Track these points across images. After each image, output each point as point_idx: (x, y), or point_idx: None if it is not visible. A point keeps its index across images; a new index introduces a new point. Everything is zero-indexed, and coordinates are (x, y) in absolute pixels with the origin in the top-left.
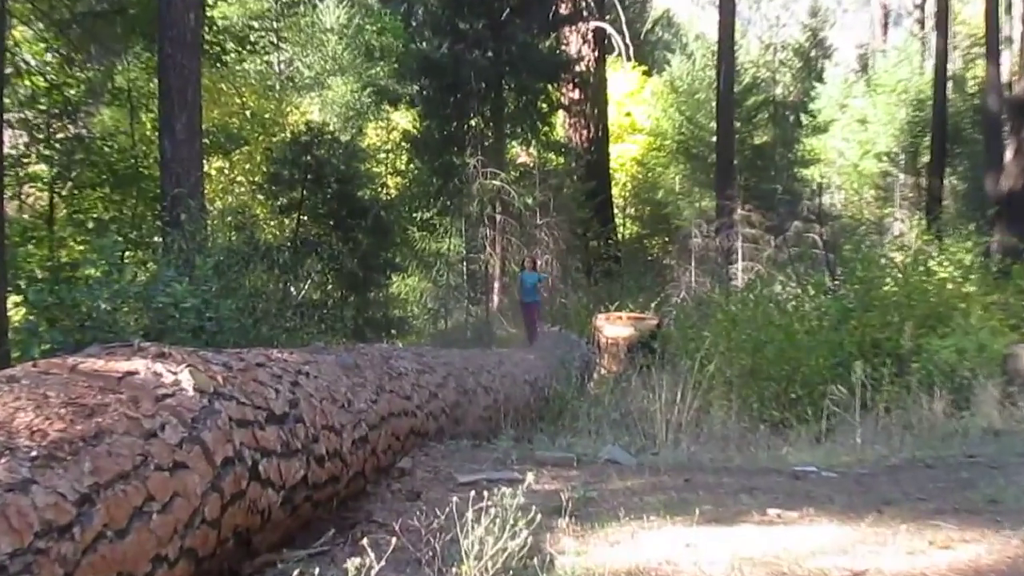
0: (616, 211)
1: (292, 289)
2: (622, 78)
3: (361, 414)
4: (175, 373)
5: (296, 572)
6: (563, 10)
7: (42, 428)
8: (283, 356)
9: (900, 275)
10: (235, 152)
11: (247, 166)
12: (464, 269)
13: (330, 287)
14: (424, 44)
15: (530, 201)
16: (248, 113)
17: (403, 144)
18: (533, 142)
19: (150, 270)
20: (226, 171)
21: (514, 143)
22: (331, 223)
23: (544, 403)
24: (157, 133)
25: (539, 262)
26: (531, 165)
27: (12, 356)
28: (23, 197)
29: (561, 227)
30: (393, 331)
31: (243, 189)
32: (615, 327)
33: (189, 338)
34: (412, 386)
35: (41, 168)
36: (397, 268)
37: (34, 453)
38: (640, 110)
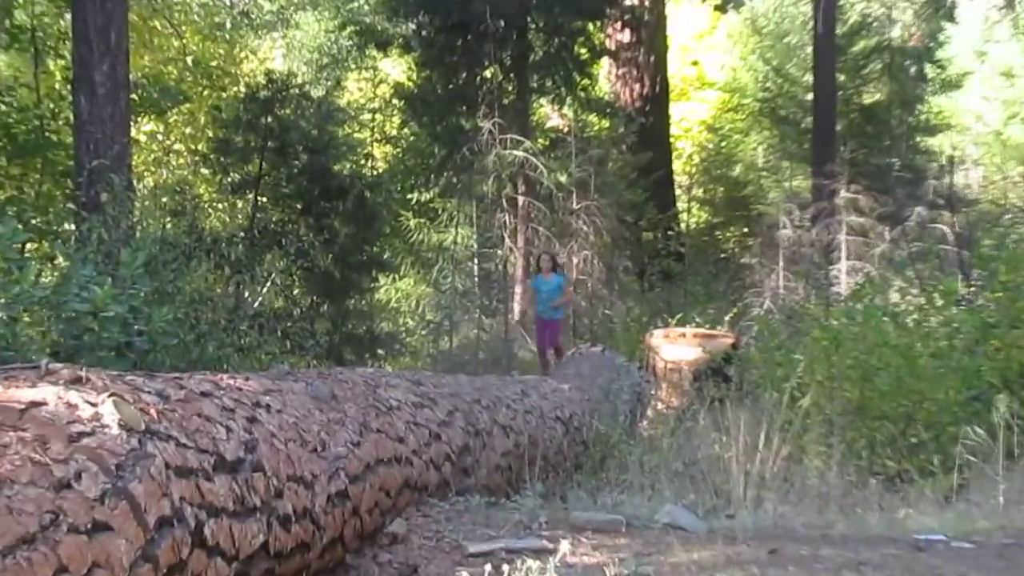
0: (679, 192)
1: (247, 294)
2: (687, 15)
3: (339, 461)
4: (95, 404)
5: None
6: None
7: None
8: (236, 383)
9: None
10: (172, 112)
11: (188, 130)
12: (475, 269)
13: (297, 292)
14: None
15: (564, 179)
16: (189, 60)
17: (394, 102)
18: (568, 100)
19: (60, 268)
20: (160, 137)
21: (543, 101)
22: (299, 207)
23: (582, 448)
24: (70, 86)
25: (563, 260)
26: (565, 130)
27: None
28: None
29: (605, 213)
30: (381, 351)
31: (183, 161)
32: (676, 347)
33: (112, 358)
34: (407, 424)
35: None
36: (386, 267)
37: None
38: (711, 58)
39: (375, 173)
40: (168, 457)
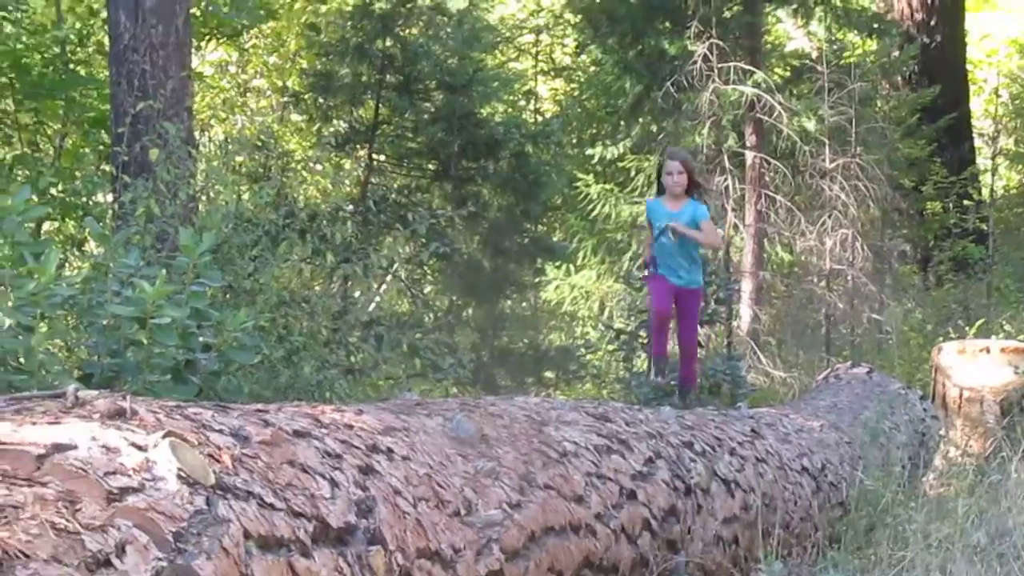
0: (979, 144)
1: (358, 293)
2: None
3: (491, 529)
4: (144, 449)
5: None
6: None
7: None
8: (344, 419)
9: None
10: (249, 33)
11: (272, 60)
12: None
13: (430, 290)
14: None
15: (812, 125)
16: None
17: (568, 16)
18: (818, 11)
19: (92, 256)
20: (234, 69)
21: (780, 13)
22: (431, 168)
23: (840, 512)
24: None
25: (705, 175)
26: (814, 56)
27: None
28: None
29: (872, 175)
30: (549, 373)
31: (265, 104)
32: (977, 368)
33: (168, 382)
34: (587, 478)
35: None
36: (557, 254)
37: None
38: None
39: (540, 120)
40: (248, 523)
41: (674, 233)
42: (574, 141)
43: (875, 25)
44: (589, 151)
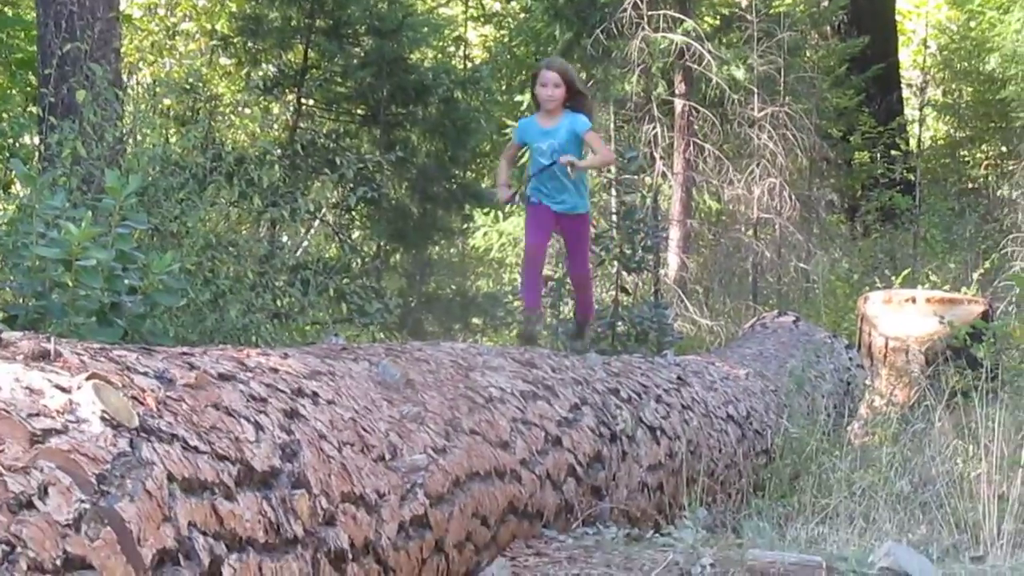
0: (907, 95)
1: (285, 237)
2: None
3: (416, 474)
4: (68, 391)
5: None
6: None
7: None
8: (270, 362)
9: None
10: None
11: (201, 2)
12: (613, 204)
13: (358, 235)
14: None
15: (741, 74)
16: None
17: None
18: None
19: (17, 198)
20: (162, 12)
21: None
22: (360, 113)
23: (765, 459)
24: None
25: (582, 82)
26: (744, 5)
27: None
28: None
29: (800, 125)
30: (476, 319)
31: (194, 47)
32: (903, 318)
33: (93, 325)
34: (513, 423)
35: None
36: (485, 200)
37: None
38: None
39: (470, 66)
40: (172, 465)
41: (572, 168)
42: (503, 88)
43: None
44: (518, 98)
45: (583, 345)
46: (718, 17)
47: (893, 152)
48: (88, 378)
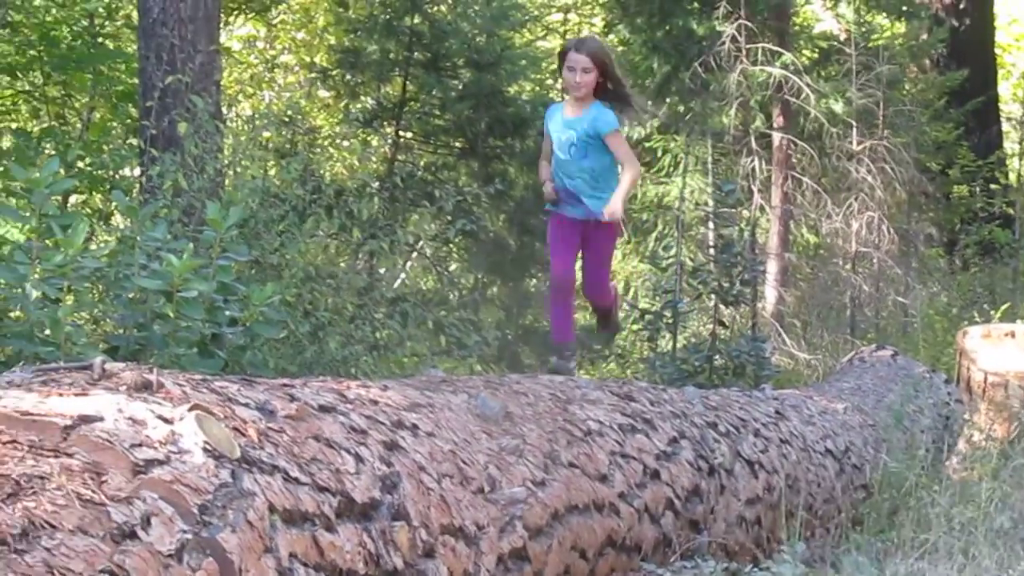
0: (1007, 128)
1: (384, 269)
2: None
3: (515, 507)
4: (170, 421)
5: None
6: None
7: None
8: (369, 394)
9: None
10: (277, 8)
11: (300, 35)
12: (710, 237)
13: (456, 267)
14: None
15: (839, 107)
16: None
17: None
18: None
19: (119, 229)
20: (261, 45)
21: None
22: (458, 146)
23: (863, 494)
24: None
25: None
26: (842, 38)
27: None
28: None
29: (899, 158)
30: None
31: (293, 79)
32: (1002, 352)
33: (194, 356)
34: (611, 457)
35: None
36: None
37: None
38: None
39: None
40: (273, 496)
41: (612, 215)
42: None
43: (904, 8)
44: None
45: (614, 330)
46: (817, 50)
47: (992, 186)
48: (190, 409)
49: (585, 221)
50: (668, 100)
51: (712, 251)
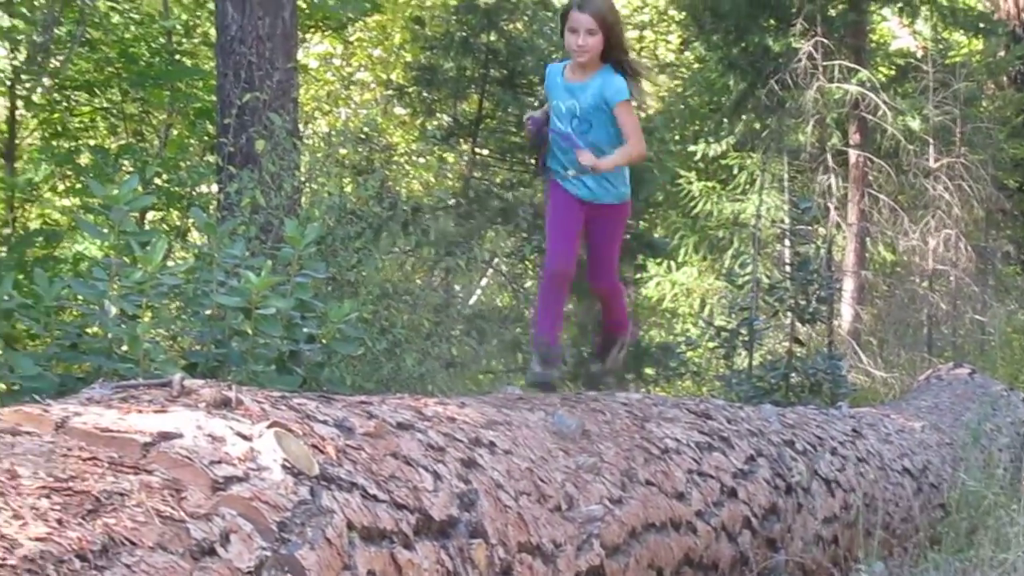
0: None
1: (460, 286)
2: None
3: (592, 524)
4: (248, 438)
5: None
6: None
7: (6, 534)
8: (447, 411)
9: None
10: (354, 25)
11: (376, 53)
12: (787, 254)
13: (531, 284)
14: None
15: (916, 124)
16: None
17: (672, 13)
18: (923, 10)
19: (196, 245)
20: (338, 63)
21: (886, 12)
22: (534, 163)
23: (941, 513)
24: None
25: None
26: (919, 55)
27: None
28: None
29: (976, 175)
30: (650, 369)
31: (369, 97)
32: None
33: (272, 373)
34: (688, 475)
35: None
36: (658, 250)
37: None
38: None
39: (643, 116)
40: (352, 514)
41: (594, 169)
42: (677, 138)
43: (981, 25)
44: (692, 148)
45: (611, 366)
46: (893, 68)
47: None
48: (269, 426)
49: (586, 203)
50: (744, 117)
51: (788, 268)
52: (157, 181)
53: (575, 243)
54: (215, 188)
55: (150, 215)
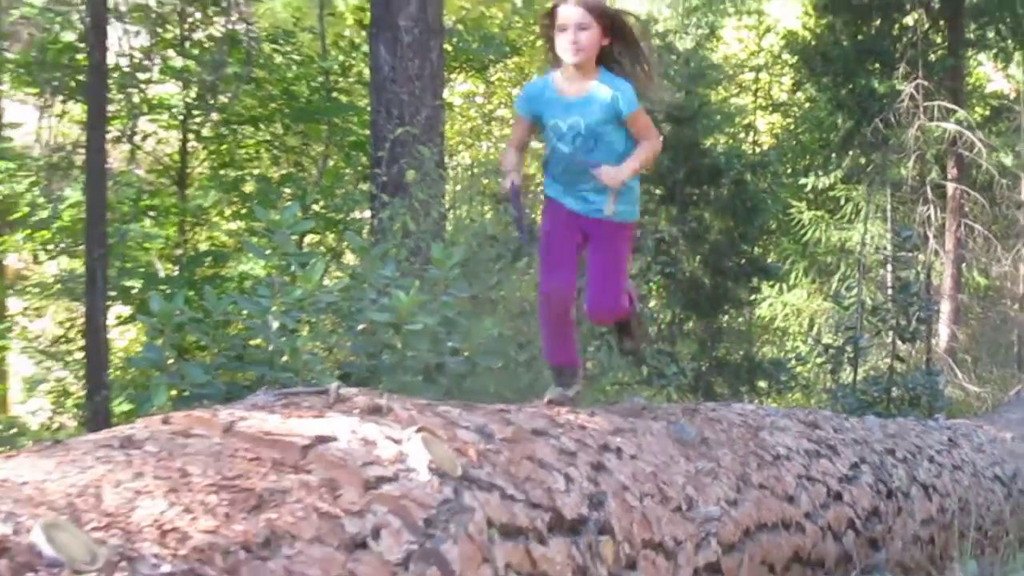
0: None
1: None
2: None
3: (710, 524)
4: (398, 442)
5: None
6: None
7: (179, 527)
8: (578, 420)
9: None
10: (494, 66)
11: (515, 91)
12: (889, 279)
13: (654, 303)
14: None
15: (1009, 160)
16: (518, 1)
17: (785, 57)
18: (1017, 55)
19: (351, 267)
20: (480, 100)
21: (982, 57)
22: (658, 192)
23: None
24: (366, 32)
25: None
26: (1012, 96)
27: (120, 406)
28: (137, 139)
29: None
30: (763, 383)
31: (509, 130)
32: None
33: (420, 383)
34: (798, 479)
35: (168, 90)
36: (771, 274)
37: (165, 568)
38: None
39: (758, 151)
40: (491, 512)
41: (613, 190)
42: (789, 171)
43: None
44: (802, 180)
45: (638, 336)
46: (988, 108)
47: None
48: (417, 431)
49: (586, 218)
50: (851, 153)
51: (890, 292)
52: (315, 207)
53: (573, 264)
54: (368, 214)
55: (308, 238)
